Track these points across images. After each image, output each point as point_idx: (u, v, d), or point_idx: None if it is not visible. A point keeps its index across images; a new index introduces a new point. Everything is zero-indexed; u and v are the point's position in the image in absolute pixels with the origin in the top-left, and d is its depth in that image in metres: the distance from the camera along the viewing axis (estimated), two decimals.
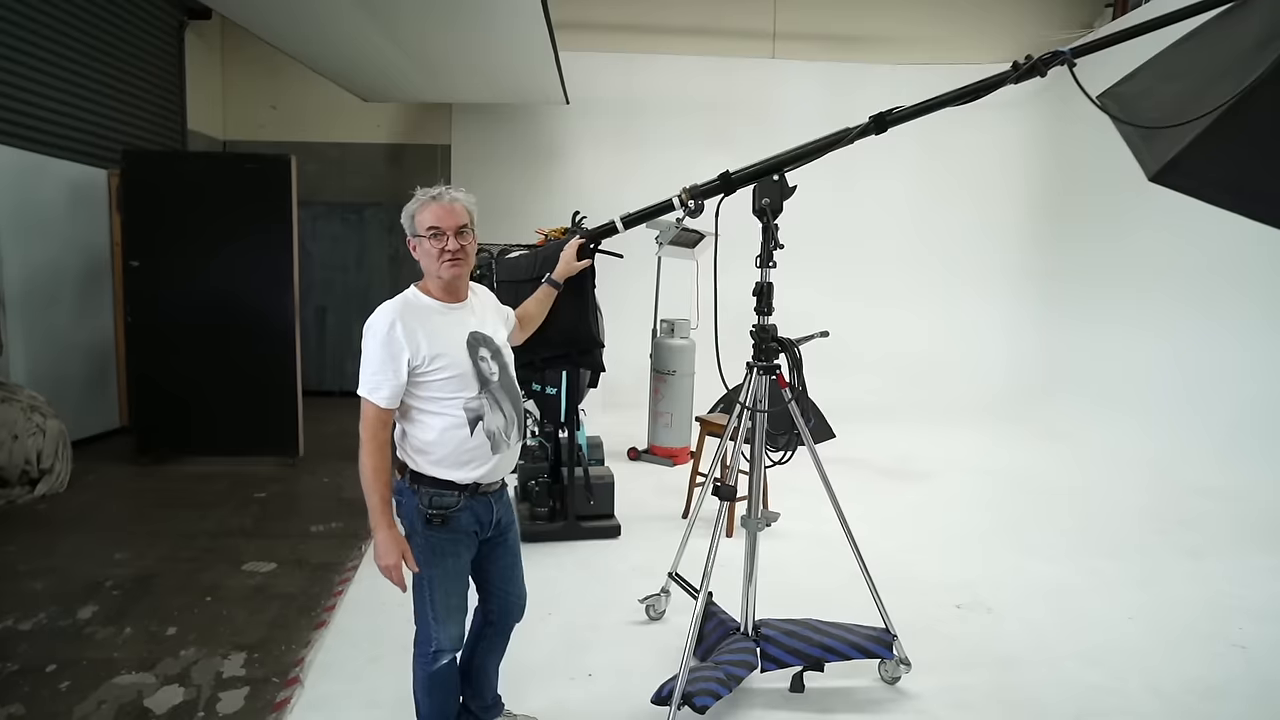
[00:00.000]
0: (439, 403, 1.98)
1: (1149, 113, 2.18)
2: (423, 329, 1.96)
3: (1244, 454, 5.31)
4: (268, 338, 5.26)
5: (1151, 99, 2.22)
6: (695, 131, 8.36)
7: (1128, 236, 6.88)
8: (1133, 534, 4.37)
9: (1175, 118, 2.09)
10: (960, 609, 3.35)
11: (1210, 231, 5.82)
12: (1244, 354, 5.59)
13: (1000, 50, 8.53)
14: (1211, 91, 1.97)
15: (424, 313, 2.01)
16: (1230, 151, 2.02)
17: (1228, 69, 1.99)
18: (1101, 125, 2.29)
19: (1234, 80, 1.91)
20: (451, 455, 2.00)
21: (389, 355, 1.90)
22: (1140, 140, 2.25)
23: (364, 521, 4.15)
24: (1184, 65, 2.20)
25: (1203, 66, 2.15)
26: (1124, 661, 2.90)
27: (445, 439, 1.99)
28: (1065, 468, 5.87)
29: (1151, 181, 2.24)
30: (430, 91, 7.41)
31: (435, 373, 1.96)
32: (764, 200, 2.38)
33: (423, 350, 1.94)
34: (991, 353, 8.24)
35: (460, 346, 2.04)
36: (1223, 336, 5.79)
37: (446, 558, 2.03)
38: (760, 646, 2.56)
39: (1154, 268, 6.51)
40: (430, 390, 1.96)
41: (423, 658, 2.09)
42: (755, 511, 2.57)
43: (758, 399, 2.48)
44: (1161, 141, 2.14)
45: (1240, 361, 5.61)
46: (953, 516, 4.67)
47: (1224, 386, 5.71)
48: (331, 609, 3.20)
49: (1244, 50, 1.98)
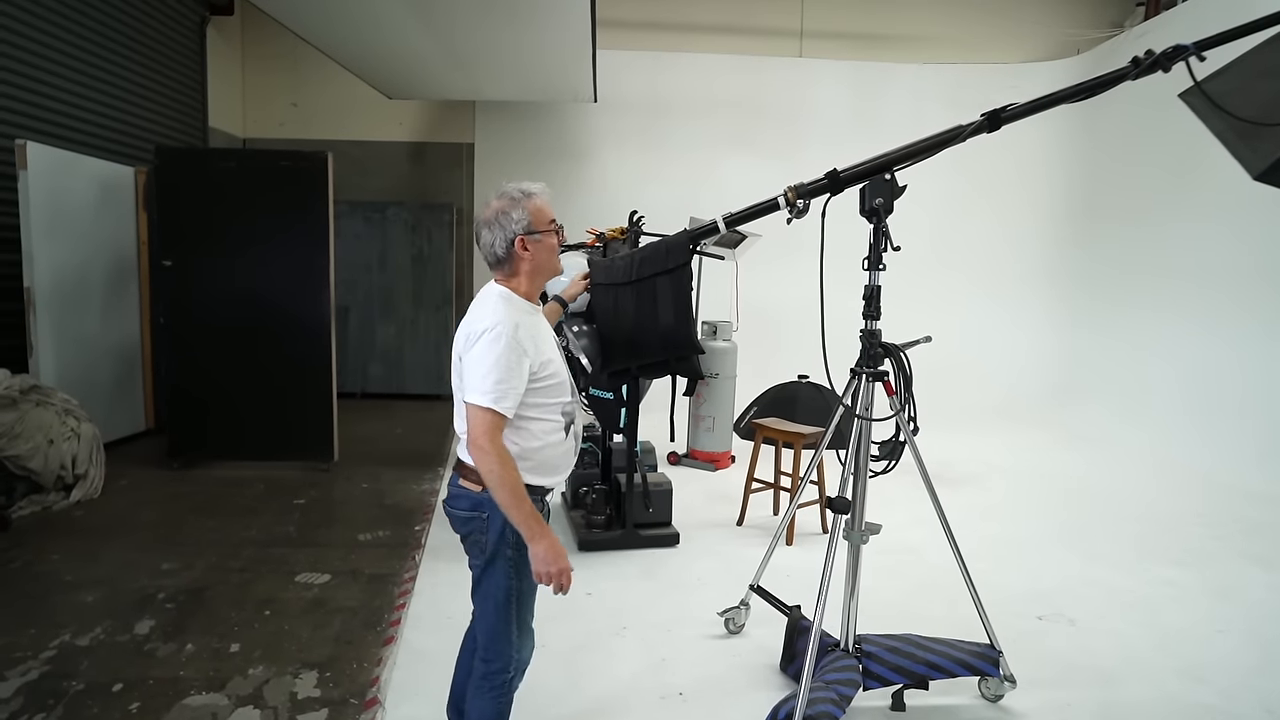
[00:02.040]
0: (545, 408, 1.88)
1: (1246, 109, 2.11)
2: (532, 332, 1.85)
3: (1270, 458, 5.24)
4: (302, 339, 5.13)
5: (1247, 95, 2.15)
6: (721, 131, 8.28)
7: (1154, 240, 6.81)
8: (1193, 541, 4.29)
9: (1274, 117, 2.03)
10: (1042, 620, 3.26)
11: (1243, 233, 5.77)
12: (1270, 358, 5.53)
13: (1028, 50, 8.48)
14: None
15: (527, 315, 1.89)
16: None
17: None
18: (1136, 132, 2.22)
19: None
20: (549, 461, 1.91)
21: (515, 360, 1.76)
22: (1237, 138, 2.18)
23: (412, 531, 4.11)
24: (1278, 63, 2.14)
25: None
26: (1229, 679, 2.80)
27: (548, 444, 1.89)
28: (1101, 472, 5.79)
29: (1256, 180, 2.18)
30: (457, 88, 7.30)
31: (547, 378, 1.87)
32: (876, 200, 2.28)
33: (540, 355, 1.84)
34: (1016, 357, 8.17)
35: (557, 349, 1.97)
36: (1257, 339, 5.72)
37: (529, 570, 1.84)
38: (863, 663, 2.47)
39: (1181, 270, 6.46)
40: (539, 396, 1.85)
41: (497, 686, 1.93)
42: (858, 523, 2.47)
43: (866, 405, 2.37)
44: (1266, 139, 2.08)
45: (1265, 365, 5.55)
46: (1005, 523, 4.58)
47: (1259, 390, 5.64)
48: (397, 624, 3.08)
49: None
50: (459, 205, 8.35)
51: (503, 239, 1.83)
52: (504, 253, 1.85)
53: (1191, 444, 5.96)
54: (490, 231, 1.84)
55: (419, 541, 4.02)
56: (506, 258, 1.86)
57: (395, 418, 7.22)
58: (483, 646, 1.94)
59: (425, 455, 5.80)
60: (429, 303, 8.12)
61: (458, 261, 8.27)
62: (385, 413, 7.42)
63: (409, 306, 8.11)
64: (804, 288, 2.34)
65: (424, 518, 4.38)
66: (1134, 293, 7.12)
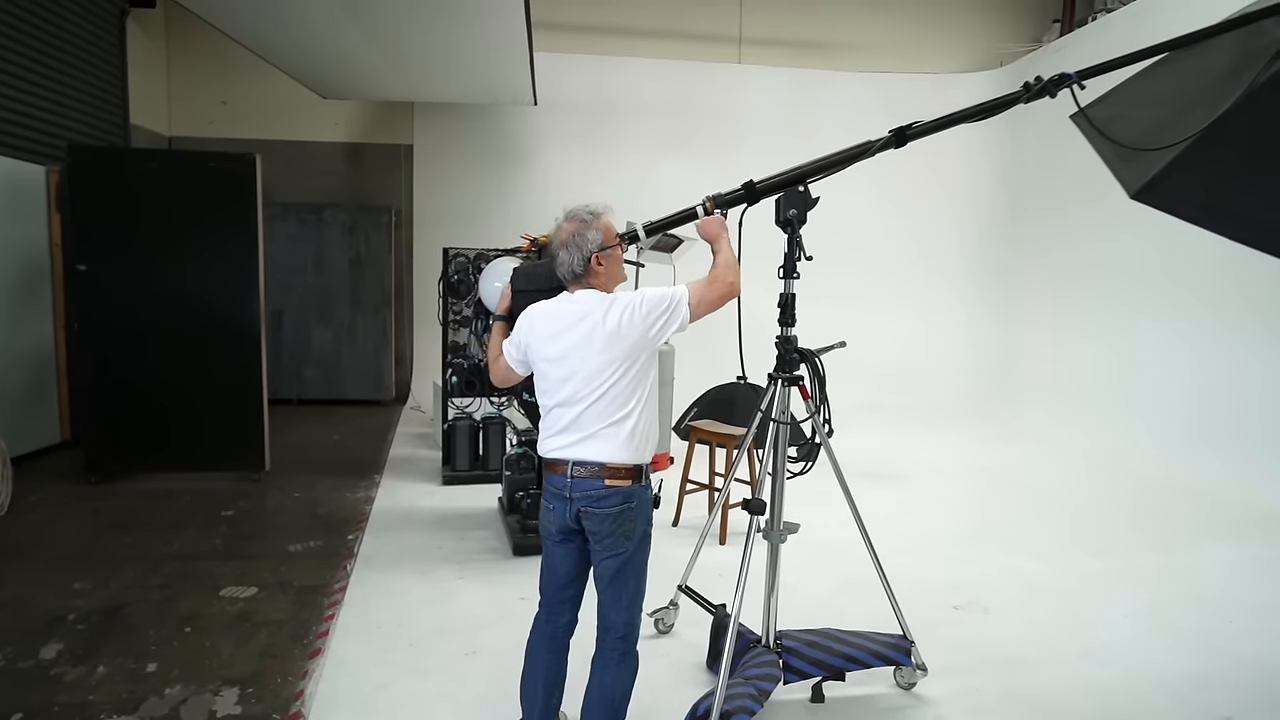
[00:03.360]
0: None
1: (1124, 134, 2.29)
2: None
3: (1196, 449, 5.60)
4: (231, 345, 4.98)
5: (1126, 121, 2.34)
6: (662, 135, 8.37)
7: (1076, 241, 7.18)
8: (1110, 531, 4.55)
9: (1151, 142, 2.21)
10: (958, 610, 3.42)
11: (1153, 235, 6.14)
12: (1192, 354, 5.90)
13: (958, 61, 8.82)
14: (1185, 119, 2.09)
15: None
16: (1202, 176, 2.14)
17: (1199, 98, 2.11)
18: (1058, 138, 2.37)
19: (1206, 110, 2.03)
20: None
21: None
22: (1118, 160, 2.36)
23: (345, 540, 4.04)
24: (1156, 92, 2.36)
25: (1174, 94, 2.28)
26: (1130, 660, 2.99)
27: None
28: (1033, 466, 6.08)
29: (1132, 199, 2.35)
30: (395, 89, 7.20)
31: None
32: (790, 211, 2.37)
33: None
34: (956, 355, 8.49)
35: None
36: (1172, 338, 6.10)
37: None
38: (783, 658, 2.55)
39: (1103, 269, 6.82)
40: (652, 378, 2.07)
41: (633, 653, 2.11)
42: (777, 523, 2.55)
43: (782, 410, 2.45)
44: (1139, 163, 2.26)
45: (1189, 361, 5.93)
46: (935, 517, 4.77)
47: (1176, 385, 6.01)
48: (325, 635, 3.04)
49: (1214, 81, 2.10)
50: (398, 207, 8.22)
51: (580, 258, 2.02)
52: (582, 269, 2.04)
53: (1115, 437, 6.30)
54: (568, 252, 2.03)
55: (351, 550, 3.96)
56: (584, 273, 2.04)
57: (333, 424, 7.07)
58: (626, 624, 2.08)
59: (362, 462, 5.71)
60: (367, 306, 7.97)
61: (396, 264, 8.14)
62: (322, 419, 7.26)
63: (347, 310, 7.95)
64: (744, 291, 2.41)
65: (358, 526, 4.32)
66: (1060, 291, 7.48)
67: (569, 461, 1.99)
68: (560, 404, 2.01)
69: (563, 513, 2.02)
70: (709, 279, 2.08)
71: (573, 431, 1.99)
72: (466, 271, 5.14)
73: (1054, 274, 7.57)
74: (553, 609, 2.17)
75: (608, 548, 2.01)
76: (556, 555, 2.11)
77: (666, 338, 2.01)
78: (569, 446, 2.00)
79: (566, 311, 2.03)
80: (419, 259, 8.17)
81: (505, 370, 2.21)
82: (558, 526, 2.05)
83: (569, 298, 2.07)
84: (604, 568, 2.04)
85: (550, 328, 2.03)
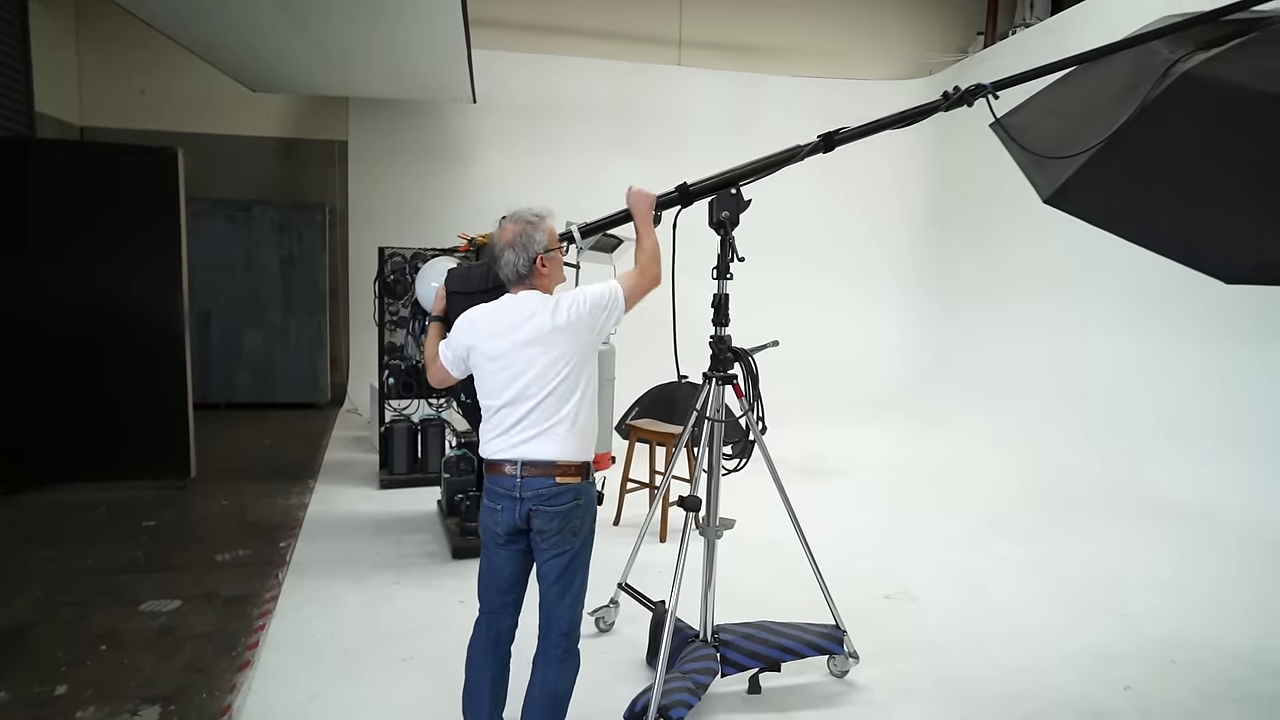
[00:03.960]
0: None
1: (1036, 143, 2.44)
2: None
3: (1106, 441, 5.95)
4: (153, 348, 4.76)
5: (1038, 131, 2.48)
6: (604, 135, 8.38)
7: (1002, 243, 7.53)
8: (1027, 519, 4.78)
9: (1059, 150, 2.35)
10: (888, 599, 3.55)
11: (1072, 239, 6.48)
12: (1100, 348, 6.27)
13: (890, 68, 9.12)
14: (1089, 130, 2.23)
15: None
16: (1105, 183, 2.29)
17: (1101, 110, 2.24)
18: (980, 143, 2.51)
19: (1107, 122, 2.16)
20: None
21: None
22: (1032, 167, 2.51)
23: (277, 548, 3.92)
24: (1064, 104, 2.49)
25: (1080, 106, 2.44)
26: (1041, 641, 3.16)
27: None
28: (960, 459, 6.34)
29: (1045, 204, 2.49)
30: (328, 83, 7.00)
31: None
32: (722, 214, 2.42)
33: None
34: (887, 353, 8.78)
35: None
36: (1084, 335, 6.46)
37: None
38: (720, 652, 2.60)
39: (1025, 269, 7.18)
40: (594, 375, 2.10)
41: (575, 650, 2.12)
42: (713, 519, 2.60)
43: (717, 408, 2.50)
44: (1050, 170, 2.41)
45: (1097, 355, 6.30)
46: (867, 510, 4.93)
47: (1086, 377, 6.38)
48: (254, 647, 2.94)
49: (1114, 95, 2.23)
50: (332, 205, 7.99)
51: (525, 259, 2.04)
52: (526, 270, 2.06)
53: (1031, 429, 6.62)
54: (514, 253, 2.05)
55: (283, 558, 3.84)
56: (529, 274, 2.06)
57: (264, 428, 6.83)
58: (569, 621, 2.09)
59: (295, 467, 5.53)
60: (300, 307, 7.73)
61: (331, 264, 7.92)
62: (253, 424, 7.01)
63: (279, 311, 7.68)
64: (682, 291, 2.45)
65: (290, 533, 4.19)
66: (984, 290, 7.82)
67: (518, 461, 1.99)
68: (507, 404, 2.01)
69: (512, 513, 2.01)
70: (637, 271, 2.15)
71: (521, 431, 1.99)
72: (403, 271, 5.04)
73: (979, 273, 7.92)
74: (495, 615, 2.15)
75: (555, 545, 2.01)
76: (500, 558, 2.10)
77: (609, 333, 2.06)
78: (517, 446, 1.99)
79: (513, 311, 2.04)
80: (354, 258, 7.96)
81: (442, 372, 2.19)
82: (505, 528, 2.04)
83: (514, 298, 2.07)
84: (550, 566, 2.04)
85: (496, 327, 2.03)
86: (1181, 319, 5.61)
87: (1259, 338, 5.11)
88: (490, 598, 2.15)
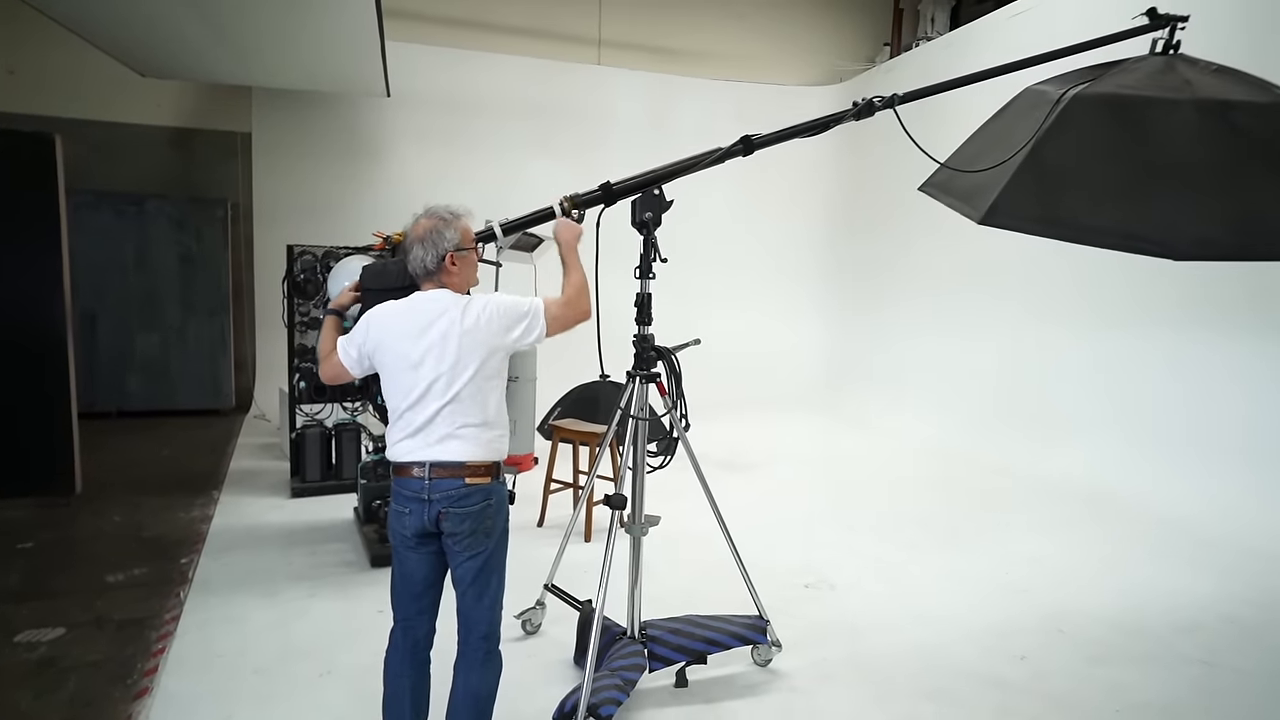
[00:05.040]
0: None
1: (959, 186, 2.80)
2: None
3: (1006, 432, 6.36)
4: (28, 352, 4.38)
5: (957, 180, 2.81)
6: (524, 133, 8.29)
7: (911, 244, 7.91)
8: (932, 507, 5.06)
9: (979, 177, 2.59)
10: (809, 588, 3.68)
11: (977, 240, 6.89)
12: (1006, 344, 6.69)
13: (804, 74, 9.42)
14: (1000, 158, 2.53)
15: None
16: (1030, 197, 2.56)
17: (1009, 146, 2.54)
18: (889, 147, 2.67)
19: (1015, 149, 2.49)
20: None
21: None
22: (963, 202, 2.78)
23: (177, 565, 3.68)
24: (975, 153, 2.81)
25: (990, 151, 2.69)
26: (945, 618, 3.36)
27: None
28: (875, 452, 6.63)
29: (980, 224, 2.70)
30: (229, 71, 6.62)
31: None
32: (645, 214, 2.44)
33: None
34: (806, 351, 9.08)
35: None
36: (988, 330, 6.88)
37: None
38: (648, 648, 2.62)
39: (927, 271, 7.58)
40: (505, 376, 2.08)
41: (497, 652, 2.09)
42: (638, 516, 2.62)
43: (641, 406, 2.53)
44: (978, 198, 2.66)
45: (1004, 350, 6.72)
46: (788, 503, 5.08)
47: (993, 372, 6.79)
48: (153, 672, 2.75)
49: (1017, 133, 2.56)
50: (235, 200, 7.56)
51: (434, 255, 2.01)
52: (435, 266, 2.02)
53: (938, 422, 6.99)
54: (423, 248, 2.01)
55: (185, 576, 3.61)
56: (437, 270, 2.02)
57: (162, 437, 6.40)
58: (488, 623, 2.06)
59: (198, 478, 5.21)
60: (201, 308, 7.28)
61: (235, 262, 7.50)
62: (149, 433, 6.55)
63: (177, 311, 7.21)
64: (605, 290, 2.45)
65: (193, 548, 3.95)
66: (896, 290, 8.19)
67: (426, 463, 1.95)
68: (414, 405, 1.96)
69: (420, 515, 1.97)
70: (564, 300, 2.11)
71: (429, 432, 1.95)
72: (314, 270, 4.82)
73: (890, 274, 8.29)
74: (410, 621, 2.10)
75: (468, 548, 1.98)
76: (411, 562, 2.05)
77: (522, 347, 2.03)
78: (426, 448, 1.95)
79: (422, 310, 1.99)
80: (261, 257, 7.56)
81: (337, 369, 2.12)
82: (413, 531, 1.99)
83: (423, 296, 2.03)
84: (465, 569, 2.01)
85: (406, 327, 1.98)
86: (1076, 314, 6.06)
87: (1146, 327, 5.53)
88: (404, 604, 2.10)
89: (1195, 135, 2.35)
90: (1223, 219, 2.42)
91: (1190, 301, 5.17)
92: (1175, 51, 2.56)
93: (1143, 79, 2.47)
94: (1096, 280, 5.82)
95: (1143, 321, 5.53)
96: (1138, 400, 5.51)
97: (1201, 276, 4.90)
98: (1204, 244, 2.47)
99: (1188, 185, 2.42)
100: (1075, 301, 6.03)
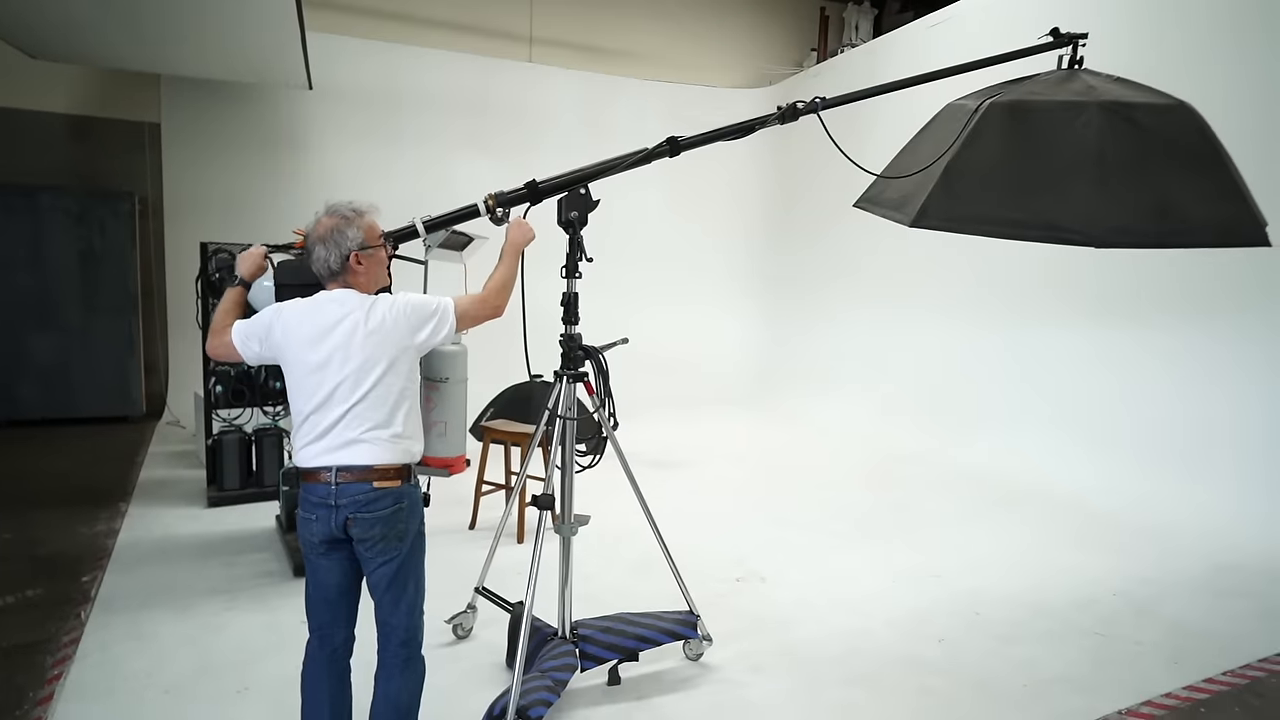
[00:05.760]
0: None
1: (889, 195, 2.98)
2: None
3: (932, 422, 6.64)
4: None
5: (887, 191, 2.99)
6: (453, 129, 8.14)
7: (836, 243, 8.16)
8: (857, 498, 5.24)
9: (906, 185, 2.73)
10: (739, 581, 3.75)
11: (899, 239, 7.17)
12: (929, 339, 6.99)
13: (734, 77, 9.58)
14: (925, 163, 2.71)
15: None
16: (957, 197, 2.71)
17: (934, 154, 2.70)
18: (812, 147, 2.76)
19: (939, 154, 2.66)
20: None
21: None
22: (894, 210, 2.92)
23: (78, 584, 3.46)
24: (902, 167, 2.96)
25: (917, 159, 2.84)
26: (870, 604, 3.49)
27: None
28: (801, 446, 6.80)
29: (911, 227, 2.82)
30: (132, 57, 6.24)
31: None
32: (571, 213, 2.44)
33: None
34: (733, 348, 9.23)
35: None
36: (912, 325, 7.17)
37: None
38: (579, 647, 2.62)
39: (855, 270, 7.84)
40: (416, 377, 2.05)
41: (418, 657, 2.07)
42: (568, 516, 2.62)
43: (568, 406, 2.52)
44: (908, 204, 2.80)
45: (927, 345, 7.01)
46: (715, 499, 5.16)
47: (915, 367, 7.08)
48: (48, 700, 2.57)
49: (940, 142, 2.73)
50: (142, 194, 7.14)
51: (338, 255, 1.95)
52: (339, 267, 1.96)
53: (865, 416, 7.23)
54: (325, 248, 1.95)
55: (87, 595, 3.39)
56: (341, 271, 1.97)
57: (60, 447, 6.00)
58: (407, 629, 2.04)
59: (101, 490, 4.90)
60: (105, 308, 6.85)
61: (144, 260, 7.09)
62: (44, 443, 6.13)
63: (78, 313, 6.76)
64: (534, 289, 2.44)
65: (96, 565, 3.72)
66: (823, 287, 8.42)
67: (332, 468, 1.90)
68: (319, 408, 1.91)
69: (328, 522, 1.92)
70: (479, 298, 2.10)
71: (335, 436, 1.90)
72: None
73: (818, 271, 8.53)
74: (325, 630, 2.04)
75: (381, 552, 1.94)
76: (323, 569, 2.00)
77: (433, 346, 1.99)
78: (332, 452, 1.90)
79: (326, 311, 1.94)
80: (172, 254, 7.17)
81: (229, 351, 2.05)
82: (321, 538, 1.94)
83: (328, 296, 1.98)
84: (379, 574, 1.97)
85: (310, 329, 1.92)
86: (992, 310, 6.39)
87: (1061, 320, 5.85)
88: (318, 612, 2.04)
89: (1102, 132, 2.53)
90: (1135, 209, 2.59)
91: (1106, 295, 5.51)
92: (1079, 66, 2.76)
93: (1050, 86, 2.69)
94: (1010, 277, 6.16)
95: (1058, 314, 5.87)
96: (1057, 391, 5.82)
97: (1114, 269, 5.28)
98: (1122, 233, 2.65)
99: (1100, 178, 2.59)
100: (990, 298, 6.36)
